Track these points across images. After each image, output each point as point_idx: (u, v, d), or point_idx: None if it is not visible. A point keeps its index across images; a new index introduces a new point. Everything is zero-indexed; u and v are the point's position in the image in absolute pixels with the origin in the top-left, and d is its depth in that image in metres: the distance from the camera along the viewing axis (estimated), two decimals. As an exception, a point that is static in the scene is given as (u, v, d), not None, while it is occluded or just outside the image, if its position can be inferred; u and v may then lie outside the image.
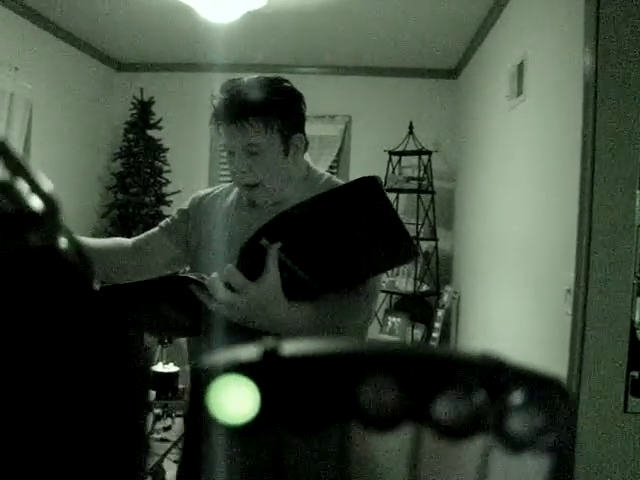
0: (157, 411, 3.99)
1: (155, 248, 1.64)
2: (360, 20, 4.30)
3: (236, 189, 1.61)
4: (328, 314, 1.30)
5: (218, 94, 1.44)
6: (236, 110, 1.40)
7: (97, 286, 0.39)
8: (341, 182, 1.55)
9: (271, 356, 0.33)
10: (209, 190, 1.69)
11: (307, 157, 1.62)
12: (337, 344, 0.35)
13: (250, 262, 1.17)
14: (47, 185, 0.45)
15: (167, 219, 1.69)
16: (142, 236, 1.69)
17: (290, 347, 0.34)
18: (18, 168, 0.43)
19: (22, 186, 0.42)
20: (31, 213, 0.41)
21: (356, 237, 1.19)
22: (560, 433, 0.34)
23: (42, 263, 0.37)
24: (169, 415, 4.03)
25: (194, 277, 1.19)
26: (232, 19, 3.93)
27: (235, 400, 0.32)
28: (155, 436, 3.88)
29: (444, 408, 0.33)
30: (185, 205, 1.67)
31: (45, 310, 0.35)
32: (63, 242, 0.41)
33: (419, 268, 5.07)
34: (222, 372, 0.33)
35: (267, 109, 1.41)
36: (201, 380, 0.33)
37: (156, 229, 1.69)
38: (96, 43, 5.15)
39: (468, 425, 0.33)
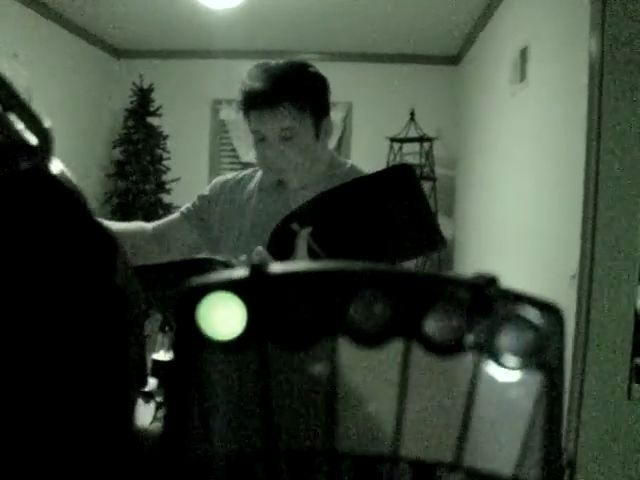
0: (159, 399, 3.99)
1: (176, 234, 1.64)
2: (361, 6, 4.27)
3: (258, 175, 1.60)
4: None
5: (246, 80, 1.42)
6: (270, 95, 1.39)
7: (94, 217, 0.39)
8: (363, 170, 1.54)
9: (259, 273, 0.33)
10: (230, 176, 1.67)
11: None
12: (326, 263, 0.35)
13: (279, 245, 1.16)
14: (44, 120, 0.45)
15: (188, 205, 1.68)
16: (163, 221, 1.68)
17: (278, 265, 0.34)
18: (12, 100, 0.43)
19: (14, 119, 0.43)
20: (23, 144, 0.41)
21: (386, 224, 1.19)
22: (550, 351, 0.34)
23: (32, 183, 0.37)
24: (171, 403, 4.03)
25: (221, 259, 1.18)
26: (232, 5, 3.91)
27: (223, 316, 0.33)
28: (158, 424, 3.88)
29: (434, 323, 0.33)
30: (206, 191, 1.65)
31: (35, 228, 0.35)
32: (55, 168, 0.42)
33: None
34: (210, 289, 0.33)
35: (301, 93, 1.41)
36: (190, 297, 0.33)
37: (177, 214, 1.68)
38: (95, 30, 5.12)
39: (458, 340, 0.33)
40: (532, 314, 0.34)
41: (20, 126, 0.42)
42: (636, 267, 2.26)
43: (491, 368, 0.34)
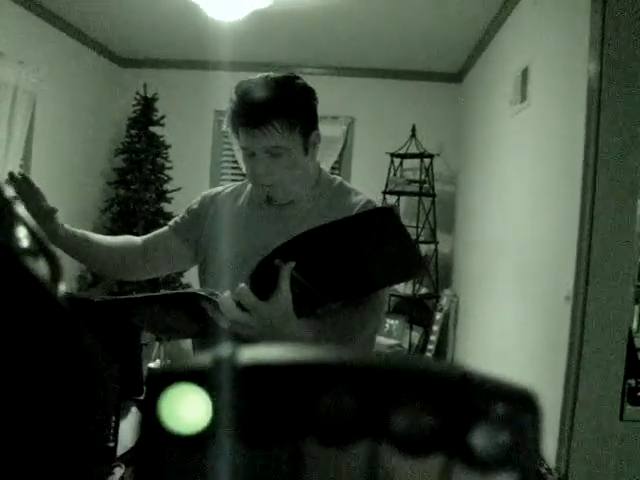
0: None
1: (164, 248, 1.63)
2: (365, 22, 4.30)
3: (248, 188, 1.60)
4: (338, 329, 1.32)
5: (234, 97, 1.41)
6: (259, 113, 1.37)
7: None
8: (352, 187, 1.55)
9: (225, 364, 0.32)
10: (219, 189, 1.67)
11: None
12: (296, 353, 0.33)
13: (262, 280, 1.18)
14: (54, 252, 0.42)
15: (176, 218, 1.67)
16: (151, 235, 1.67)
17: (246, 355, 0.33)
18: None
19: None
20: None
21: (369, 260, 1.23)
22: (526, 451, 0.32)
23: None
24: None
25: (206, 294, 1.20)
26: (238, 18, 3.93)
27: (187, 409, 0.32)
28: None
29: (404, 422, 0.31)
30: (195, 204, 1.65)
31: None
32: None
33: (418, 271, 5.06)
34: (176, 380, 0.32)
35: (289, 110, 1.39)
36: (155, 387, 0.32)
37: (165, 228, 1.67)
38: (101, 38, 5.15)
39: (428, 441, 0.32)
40: (506, 411, 0.32)
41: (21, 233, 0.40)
42: (630, 288, 2.27)
43: (463, 468, 0.32)
